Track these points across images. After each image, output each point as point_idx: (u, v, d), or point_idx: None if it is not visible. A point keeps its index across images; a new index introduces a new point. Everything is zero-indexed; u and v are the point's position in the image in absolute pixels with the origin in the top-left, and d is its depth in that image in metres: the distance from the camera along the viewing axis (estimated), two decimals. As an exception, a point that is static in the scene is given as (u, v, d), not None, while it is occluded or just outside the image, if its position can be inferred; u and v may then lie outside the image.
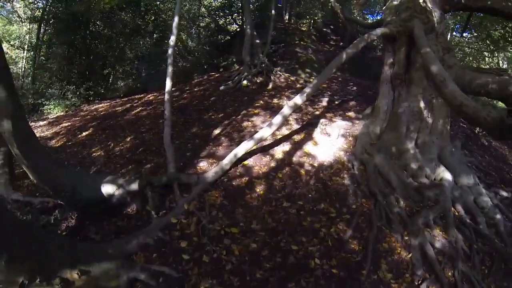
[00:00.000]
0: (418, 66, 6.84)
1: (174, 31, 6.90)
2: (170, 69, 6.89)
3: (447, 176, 6.51)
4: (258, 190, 6.07)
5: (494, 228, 6.02)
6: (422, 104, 6.88)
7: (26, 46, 20.74)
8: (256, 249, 5.04)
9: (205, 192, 5.85)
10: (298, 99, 6.46)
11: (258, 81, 11.12)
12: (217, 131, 7.89)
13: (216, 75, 13.50)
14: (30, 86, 17.86)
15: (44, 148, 5.67)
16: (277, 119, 6.35)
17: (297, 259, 4.97)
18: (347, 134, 7.79)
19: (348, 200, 6.10)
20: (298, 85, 10.69)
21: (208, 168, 6.47)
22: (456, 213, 6.13)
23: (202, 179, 5.93)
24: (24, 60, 21.34)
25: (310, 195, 6.08)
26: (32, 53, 19.21)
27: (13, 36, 23.09)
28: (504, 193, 7.12)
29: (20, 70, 21.70)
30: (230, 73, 12.73)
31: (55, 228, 5.50)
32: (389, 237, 5.51)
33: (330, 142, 7.51)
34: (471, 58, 18.63)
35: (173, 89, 13.27)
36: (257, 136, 6.31)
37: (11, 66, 22.27)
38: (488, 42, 14.53)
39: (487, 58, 19.69)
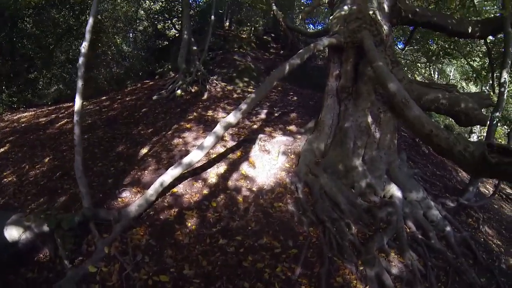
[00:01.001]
0: (366, 79, 6.26)
1: (87, 36, 5.27)
2: (80, 83, 5.24)
3: (397, 193, 6.05)
4: (189, 224, 5.02)
5: (444, 240, 5.86)
6: (369, 119, 6.30)
7: None
8: None
9: (128, 230, 4.75)
10: (231, 118, 5.51)
11: (193, 90, 10.04)
12: (144, 150, 6.74)
13: (151, 83, 12.26)
14: None
15: None
16: (209, 140, 5.35)
17: None
18: (289, 151, 6.94)
19: (293, 231, 5.25)
20: (235, 95, 9.75)
21: (131, 200, 5.35)
22: (408, 230, 5.72)
23: (124, 214, 4.82)
24: None
25: (249, 228, 5.15)
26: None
27: None
28: (450, 203, 7.02)
29: None
30: (165, 81, 11.53)
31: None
32: (343, 269, 4.74)
33: (270, 161, 6.63)
34: (406, 69, 18.90)
35: (103, 97, 12.03)
36: (185, 160, 5.25)
37: None
38: (428, 54, 14.99)
39: (420, 69, 20.36)
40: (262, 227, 5.17)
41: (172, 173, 5.14)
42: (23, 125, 10.53)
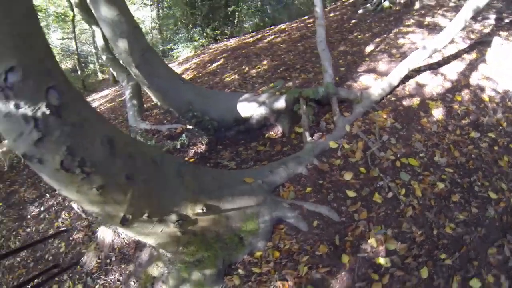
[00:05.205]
0: None
1: None
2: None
3: None
4: (435, 113, 4.17)
5: None
6: None
7: (149, 2, 19.90)
8: (444, 191, 3.30)
9: (370, 112, 4.14)
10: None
11: (402, 1, 8.52)
12: (370, 48, 5.95)
13: (350, 0, 10.99)
14: (158, 36, 17.18)
15: (167, 65, 4.53)
16: (457, 24, 4.18)
17: (498, 213, 3.17)
18: (532, 57, 5.24)
19: None
20: (451, 4, 7.92)
21: (369, 84, 4.67)
22: None
23: (366, 96, 4.21)
24: (150, 18, 20.57)
25: (501, 127, 4.09)
26: (155, 9, 18.41)
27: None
28: None
29: (148, 27, 21.16)
30: (368, -4, 10.17)
31: (181, 155, 4.43)
32: None
33: (510, 67, 5.08)
34: None
35: (304, 17, 11.44)
36: (431, 45, 4.25)
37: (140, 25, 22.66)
38: None
39: None
40: (514, 129, 4.03)
41: (418, 56, 4.25)
42: (231, 46, 10.66)
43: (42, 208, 5.22)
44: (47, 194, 5.44)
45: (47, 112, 1.94)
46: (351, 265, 2.72)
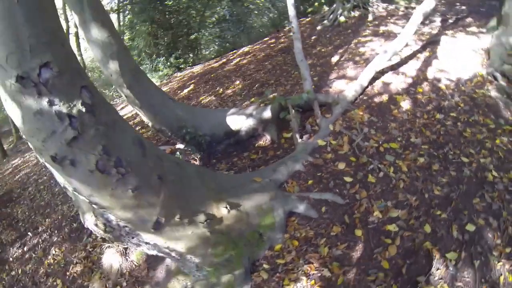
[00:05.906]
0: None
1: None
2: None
3: None
4: (403, 105, 4.83)
5: None
6: None
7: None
8: (425, 163, 3.89)
9: (347, 111, 4.70)
10: (430, 2, 4.93)
11: (355, 15, 9.37)
12: (335, 59, 6.61)
13: (307, 19, 11.75)
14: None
15: (156, 85, 4.78)
16: (409, 29, 5.01)
17: (472, 171, 3.78)
18: (476, 48, 6.08)
19: (501, 112, 4.79)
20: (401, 13, 8.83)
21: (343, 88, 5.27)
22: None
23: (342, 98, 4.78)
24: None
25: (460, 107, 4.79)
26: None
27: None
28: None
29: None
30: (322, 14, 10.99)
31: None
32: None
33: (459, 58, 5.89)
34: None
35: (265, 38, 12.10)
36: (390, 48, 5.03)
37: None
38: None
39: None
40: (471, 107, 4.80)
41: (381, 60, 4.98)
42: (198, 72, 10.82)
43: (25, 248, 4.86)
44: (29, 233, 5.10)
45: (83, 109, 1.90)
46: (365, 237, 3.17)
